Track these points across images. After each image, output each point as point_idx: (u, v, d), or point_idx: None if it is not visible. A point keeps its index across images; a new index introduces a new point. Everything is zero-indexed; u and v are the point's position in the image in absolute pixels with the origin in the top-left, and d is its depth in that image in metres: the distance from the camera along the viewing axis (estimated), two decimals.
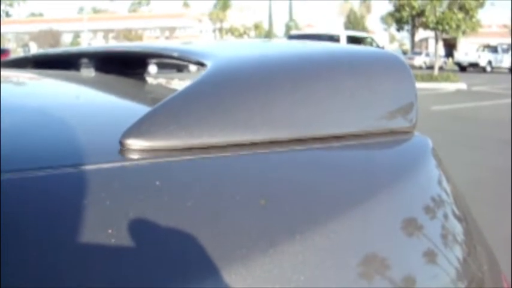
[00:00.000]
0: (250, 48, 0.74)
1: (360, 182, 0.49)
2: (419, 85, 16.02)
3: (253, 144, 0.47)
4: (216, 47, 0.75)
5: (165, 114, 0.45)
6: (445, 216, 0.55)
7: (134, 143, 0.43)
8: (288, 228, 0.40)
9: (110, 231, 0.35)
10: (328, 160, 0.52)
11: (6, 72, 0.85)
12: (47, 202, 0.36)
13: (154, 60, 0.94)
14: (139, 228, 0.36)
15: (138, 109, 0.51)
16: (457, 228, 0.56)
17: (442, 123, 8.28)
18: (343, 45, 0.77)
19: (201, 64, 0.59)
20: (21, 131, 0.47)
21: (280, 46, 0.76)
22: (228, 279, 0.35)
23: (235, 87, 0.50)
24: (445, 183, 0.59)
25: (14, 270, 0.32)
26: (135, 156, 0.42)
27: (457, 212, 0.58)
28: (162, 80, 0.96)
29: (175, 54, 0.68)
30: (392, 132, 0.59)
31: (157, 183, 0.39)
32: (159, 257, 0.35)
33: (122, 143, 0.43)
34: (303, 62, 0.59)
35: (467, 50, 33.08)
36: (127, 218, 0.36)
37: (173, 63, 0.82)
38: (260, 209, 0.41)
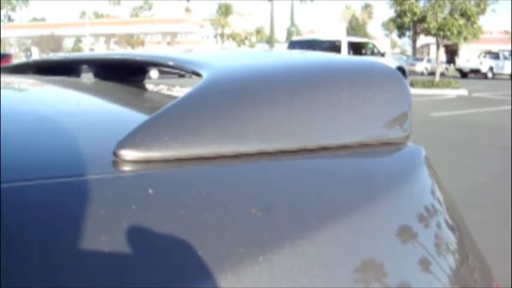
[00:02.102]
0: (246, 59, 0.75)
1: (353, 192, 0.50)
2: (420, 91, 16.14)
3: (247, 155, 0.47)
4: (212, 56, 0.75)
5: (159, 125, 0.45)
6: (438, 225, 0.55)
7: (128, 154, 0.43)
8: (278, 236, 0.41)
9: (103, 240, 0.35)
10: (321, 170, 0.52)
11: (6, 78, 0.86)
12: (40, 212, 0.36)
13: (152, 69, 0.95)
14: (133, 238, 0.36)
15: (135, 118, 0.51)
16: (450, 236, 0.56)
17: (441, 130, 8.28)
18: (338, 56, 0.78)
19: (196, 74, 0.60)
20: (16, 140, 0.47)
21: (276, 57, 0.76)
22: (219, 286, 0.36)
23: (230, 98, 0.50)
24: (437, 192, 0.60)
25: (9, 277, 0.32)
26: (128, 167, 0.42)
27: (449, 220, 0.58)
28: (160, 88, 0.96)
29: (171, 63, 0.69)
30: (386, 143, 0.60)
31: (151, 193, 0.39)
32: (152, 265, 0.35)
33: (116, 154, 0.43)
34: (298, 73, 0.59)
35: (469, 56, 33.09)
36: (120, 228, 0.36)
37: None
38: (251, 218, 0.41)
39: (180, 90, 0.91)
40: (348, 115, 0.56)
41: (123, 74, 0.94)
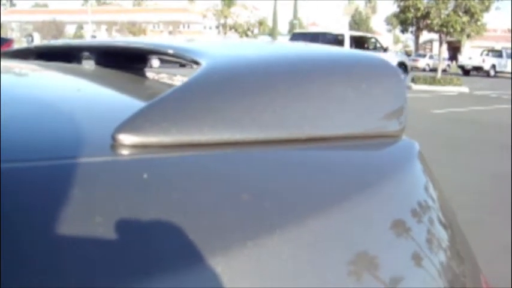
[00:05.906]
0: (245, 49, 0.75)
1: (344, 182, 0.50)
2: (421, 87, 16.12)
3: (242, 143, 0.47)
4: (211, 45, 0.76)
5: (157, 111, 0.46)
6: (429, 220, 0.55)
7: (126, 139, 0.43)
8: (269, 223, 0.41)
9: (97, 224, 0.36)
10: (313, 160, 0.52)
11: (7, 63, 0.86)
12: (36, 193, 0.37)
13: (151, 57, 0.95)
14: (125, 221, 0.37)
15: (134, 104, 0.52)
16: (440, 231, 0.57)
17: (441, 127, 8.28)
18: (335, 48, 0.78)
19: (195, 62, 0.60)
20: (14, 123, 0.47)
21: (275, 47, 0.77)
22: (209, 269, 0.37)
23: (228, 86, 0.51)
24: (430, 187, 0.60)
25: (5, 259, 0.32)
26: (126, 151, 0.43)
27: (440, 215, 0.59)
28: (160, 75, 0.97)
29: (170, 51, 0.69)
30: (380, 136, 0.60)
31: (147, 178, 0.40)
32: (144, 248, 0.36)
33: (114, 138, 0.43)
34: (295, 64, 0.60)
35: (472, 53, 32.99)
36: (115, 212, 0.37)
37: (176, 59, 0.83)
38: (244, 204, 0.42)
39: (180, 79, 0.91)
40: (342, 107, 0.56)
41: (123, 62, 0.94)
